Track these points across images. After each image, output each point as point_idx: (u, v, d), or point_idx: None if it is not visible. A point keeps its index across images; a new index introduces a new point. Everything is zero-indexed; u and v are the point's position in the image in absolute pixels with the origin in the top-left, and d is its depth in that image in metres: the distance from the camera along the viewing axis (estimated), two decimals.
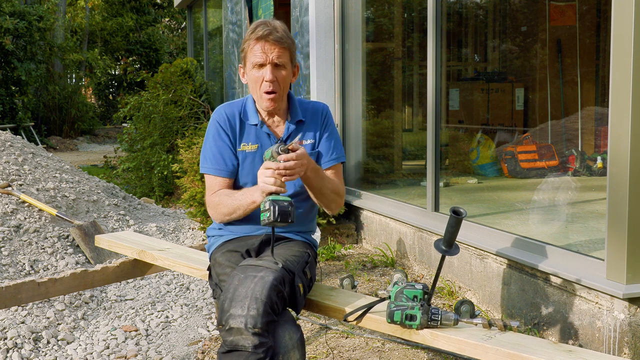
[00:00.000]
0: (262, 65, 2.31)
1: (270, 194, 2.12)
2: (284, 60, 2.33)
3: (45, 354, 3.27)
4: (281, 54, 2.31)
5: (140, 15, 21.79)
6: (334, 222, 4.96)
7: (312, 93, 5.47)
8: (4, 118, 14.46)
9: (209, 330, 3.59)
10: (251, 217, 2.43)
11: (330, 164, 2.47)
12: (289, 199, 2.10)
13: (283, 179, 2.13)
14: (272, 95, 2.33)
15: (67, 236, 4.72)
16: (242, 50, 2.36)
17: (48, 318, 3.60)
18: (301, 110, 2.46)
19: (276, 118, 2.44)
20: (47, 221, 4.81)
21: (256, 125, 2.41)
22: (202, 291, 4.23)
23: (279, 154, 2.12)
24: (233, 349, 1.98)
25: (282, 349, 2.04)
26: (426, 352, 3.00)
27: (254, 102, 2.44)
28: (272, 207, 2.05)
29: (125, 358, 3.27)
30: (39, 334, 3.42)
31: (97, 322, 3.70)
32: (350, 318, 2.25)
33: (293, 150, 2.14)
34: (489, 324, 2.11)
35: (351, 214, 5.17)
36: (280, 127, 2.44)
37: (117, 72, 22.93)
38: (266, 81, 2.31)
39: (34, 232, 4.62)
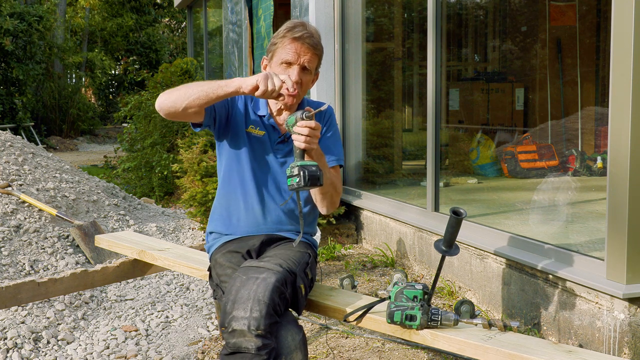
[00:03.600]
0: (290, 64, 2.32)
1: (299, 156, 2.12)
2: (312, 66, 2.36)
3: (45, 354, 3.27)
4: (311, 59, 2.34)
5: (140, 15, 21.79)
6: (334, 222, 4.96)
7: (312, 93, 5.47)
8: (3, 118, 14.46)
9: (209, 330, 3.59)
10: (251, 217, 2.43)
11: (329, 165, 2.46)
12: (315, 163, 2.10)
13: (303, 145, 2.11)
14: (292, 92, 2.35)
15: (67, 236, 4.72)
16: (274, 44, 2.36)
17: (48, 318, 3.60)
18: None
19: (284, 114, 2.45)
20: (47, 221, 4.81)
21: (264, 116, 2.42)
22: (202, 291, 4.23)
23: (304, 120, 2.12)
24: (236, 351, 1.98)
25: (285, 350, 2.04)
26: (426, 352, 3.00)
27: None
28: (301, 172, 2.05)
29: (125, 358, 3.27)
30: (39, 334, 3.42)
31: (97, 322, 3.70)
32: (351, 318, 2.25)
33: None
34: (489, 324, 2.11)
35: (351, 214, 5.17)
36: None
37: (117, 72, 22.93)
38: (291, 80, 2.32)
39: (34, 232, 4.62)
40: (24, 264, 4.25)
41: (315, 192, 2.38)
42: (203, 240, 5.19)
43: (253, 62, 7.73)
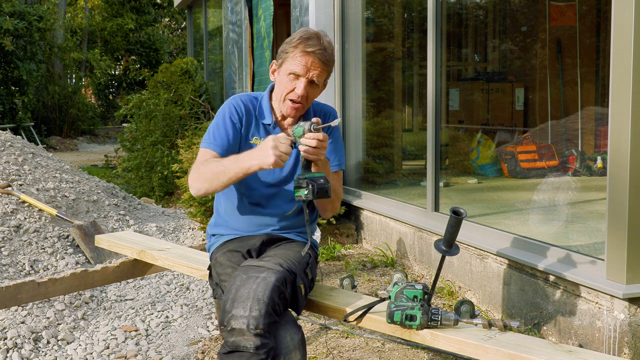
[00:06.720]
0: (298, 77, 2.30)
1: (305, 167, 2.14)
2: (321, 80, 2.33)
3: (45, 354, 3.27)
4: (320, 74, 2.31)
5: (140, 15, 21.79)
6: (334, 222, 4.96)
7: None
8: (4, 118, 14.46)
9: (209, 330, 3.59)
10: (253, 218, 2.43)
11: (331, 170, 2.47)
12: (322, 174, 2.12)
13: (311, 157, 2.13)
14: (297, 105, 2.33)
15: (67, 236, 4.72)
16: (285, 51, 2.33)
17: (48, 318, 3.60)
18: (312, 112, 2.46)
19: (288, 120, 2.44)
20: (47, 221, 4.81)
21: (269, 125, 2.41)
22: (202, 291, 4.24)
23: (311, 132, 2.12)
24: (235, 350, 1.99)
25: (284, 350, 2.04)
26: (426, 352, 3.00)
27: (269, 101, 2.44)
28: (310, 185, 2.08)
29: (125, 358, 3.27)
30: (39, 334, 3.42)
31: (97, 322, 3.70)
32: (350, 318, 2.25)
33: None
34: (489, 324, 2.11)
35: (351, 214, 5.17)
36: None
37: (117, 72, 22.94)
38: (297, 93, 2.31)
39: (34, 232, 4.62)
40: (24, 264, 4.25)
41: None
42: (203, 240, 5.19)
43: (253, 62, 7.73)
